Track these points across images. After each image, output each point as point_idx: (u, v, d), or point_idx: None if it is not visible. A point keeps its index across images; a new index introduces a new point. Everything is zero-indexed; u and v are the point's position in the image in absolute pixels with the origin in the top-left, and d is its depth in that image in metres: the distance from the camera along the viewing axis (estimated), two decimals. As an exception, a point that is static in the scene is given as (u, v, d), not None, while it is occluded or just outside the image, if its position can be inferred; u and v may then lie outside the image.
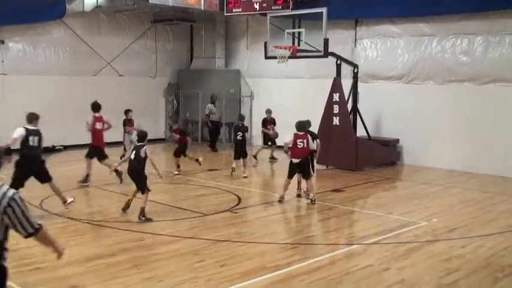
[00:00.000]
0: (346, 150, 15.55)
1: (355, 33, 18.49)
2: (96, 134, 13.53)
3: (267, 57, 16.46)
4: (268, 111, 17.83)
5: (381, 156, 16.70)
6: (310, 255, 8.03)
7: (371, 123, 17.03)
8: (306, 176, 11.58)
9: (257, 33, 20.50)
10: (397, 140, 17.09)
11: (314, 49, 15.26)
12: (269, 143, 17.75)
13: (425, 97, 16.65)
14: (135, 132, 13.34)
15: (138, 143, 10.28)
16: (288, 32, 15.71)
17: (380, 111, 17.37)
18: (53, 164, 16.31)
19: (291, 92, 19.89)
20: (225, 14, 19.52)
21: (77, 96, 19.04)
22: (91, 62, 20.23)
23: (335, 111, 15.84)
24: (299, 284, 6.87)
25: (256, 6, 18.45)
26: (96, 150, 13.42)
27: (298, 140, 11.45)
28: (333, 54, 15.60)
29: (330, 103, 15.96)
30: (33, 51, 19.10)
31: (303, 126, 11.80)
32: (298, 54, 15.51)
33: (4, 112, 17.20)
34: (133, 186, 10.31)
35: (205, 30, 22.13)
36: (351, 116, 16.23)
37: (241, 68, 21.97)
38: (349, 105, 16.22)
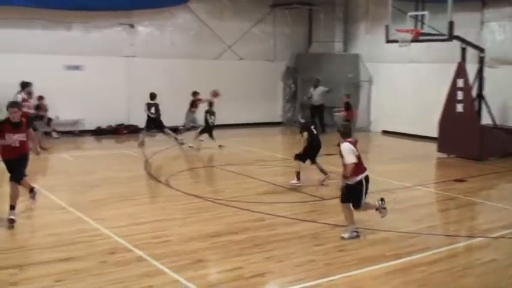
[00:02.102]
0: (469, 139, 14.93)
1: (482, 15, 17.63)
2: None
3: (388, 41, 16.12)
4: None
5: (508, 146, 15.87)
6: (430, 245, 7.86)
7: (497, 111, 16.18)
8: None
9: (377, 16, 20.11)
10: (526, 129, 16.18)
11: (437, 32, 14.76)
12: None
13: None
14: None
15: None
16: (410, 15, 15.30)
17: (507, 98, 16.49)
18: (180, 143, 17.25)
19: (411, 77, 19.37)
20: (345, -3, 19.30)
21: (199, 78, 19.77)
22: (213, 45, 20.87)
23: (458, 98, 15.24)
24: (419, 274, 6.77)
25: (378, -12, 18.07)
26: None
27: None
28: (457, 37, 14.96)
29: (453, 89, 15.38)
30: (160, 35, 20.04)
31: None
32: (421, 38, 15.06)
33: (131, 91, 18.21)
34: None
35: (324, 13, 22.05)
36: (476, 103, 15.56)
37: (360, 52, 21.67)
38: (474, 92, 15.55)
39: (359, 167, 8.00)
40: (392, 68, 19.96)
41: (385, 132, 20.50)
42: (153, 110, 16.50)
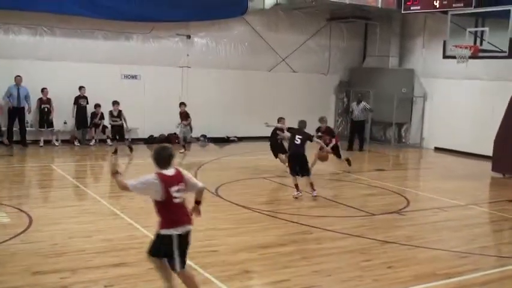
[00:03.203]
0: (527, 159, 14.51)
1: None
2: None
3: (445, 57, 15.93)
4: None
5: None
6: (482, 266, 7.68)
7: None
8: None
9: (435, 31, 19.83)
10: None
11: (497, 49, 14.46)
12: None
13: None
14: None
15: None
16: (469, 31, 15.04)
17: None
18: (230, 154, 17.41)
19: (467, 94, 18.97)
20: (403, 12, 19.08)
21: (252, 90, 19.93)
22: (267, 57, 21.01)
23: (517, 116, 14.84)
24: (470, 295, 6.64)
25: (436, 3, 17.76)
26: None
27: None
28: (518, 55, 14.63)
29: (510, 107, 14.97)
30: (215, 46, 20.31)
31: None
32: (480, 54, 14.80)
33: (185, 101, 18.44)
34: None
35: (381, 28, 21.88)
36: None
37: (415, 68, 21.38)
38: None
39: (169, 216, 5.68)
40: (448, 84, 19.60)
41: (437, 149, 20.12)
42: (114, 118, 16.41)
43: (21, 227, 8.56)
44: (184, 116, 17.38)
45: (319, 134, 13.94)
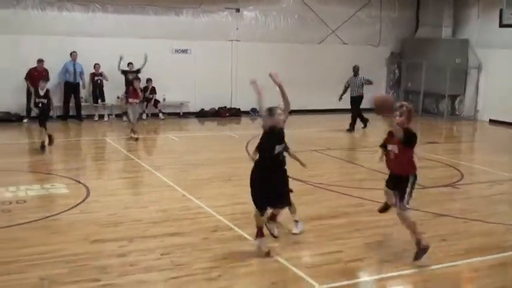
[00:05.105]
0: None
1: None
2: None
3: (501, 26, 15.47)
4: None
5: None
6: (539, 240, 7.54)
7: None
8: None
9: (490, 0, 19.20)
10: None
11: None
12: None
13: None
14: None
15: None
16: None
17: None
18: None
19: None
20: (457, -20, 18.54)
21: (301, 63, 19.80)
22: (316, 30, 20.80)
23: None
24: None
25: (493, -30, 17.22)
26: None
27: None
28: None
29: None
30: (264, 19, 20.23)
31: None
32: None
33: (235, 75, 18.56)
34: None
35: (433, -3, 21.32)
36: None
37: (469, 37, 20.77)
38: None
39: None
40: (504, 54, 18.94)
41: (492, 121, 19.62)
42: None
43: (79, 198, 8.87)
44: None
45: None
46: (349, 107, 17.20)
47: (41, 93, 12.72)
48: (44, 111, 12.83)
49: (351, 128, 16.74)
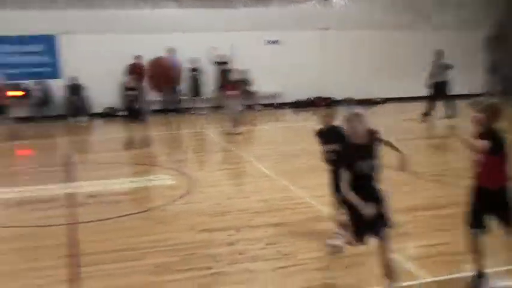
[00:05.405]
0: None
1: None
2: None
3: None
4: None
5: None
6: None
7: None
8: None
9: None
10: None
11: None
12: None
13: None
14: None
15: None
16: None
17: None
18: (376, 116, 17.20)
19: None
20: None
21: (393, 50, 19.45)
22: (409, 15, 20.34)
23: None
24: None
25: None
26: None
27: None
28: None
29: None
30: (354, 6, 20.06)
31: None
32: None
33: (325, 64, 18.49)
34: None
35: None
36: None
37: None
38: None
39: None
40: None
41: None
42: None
43: (183, 188, 9.22)
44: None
45: None
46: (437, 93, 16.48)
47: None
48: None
49: (428, 113, 15.94)
